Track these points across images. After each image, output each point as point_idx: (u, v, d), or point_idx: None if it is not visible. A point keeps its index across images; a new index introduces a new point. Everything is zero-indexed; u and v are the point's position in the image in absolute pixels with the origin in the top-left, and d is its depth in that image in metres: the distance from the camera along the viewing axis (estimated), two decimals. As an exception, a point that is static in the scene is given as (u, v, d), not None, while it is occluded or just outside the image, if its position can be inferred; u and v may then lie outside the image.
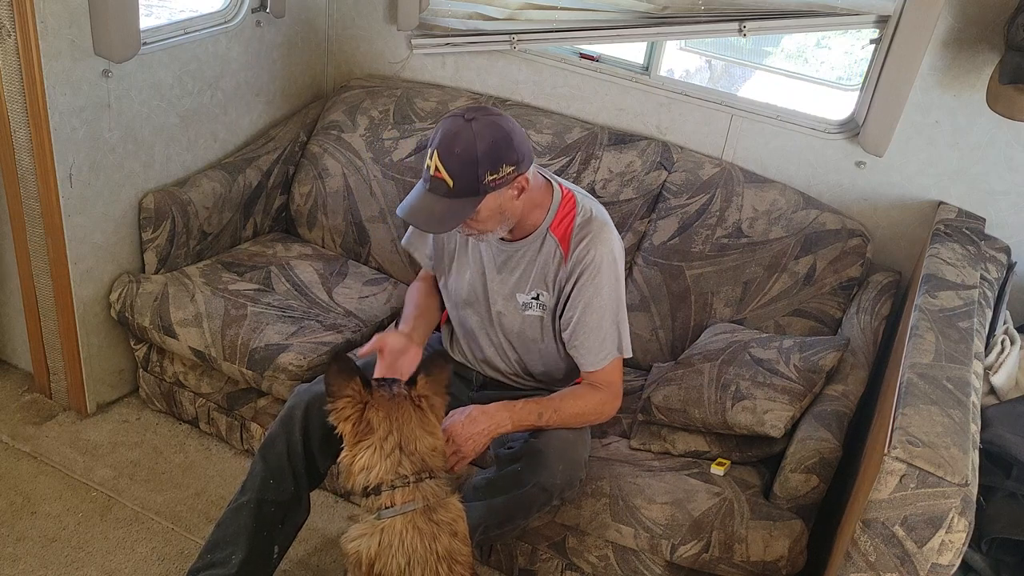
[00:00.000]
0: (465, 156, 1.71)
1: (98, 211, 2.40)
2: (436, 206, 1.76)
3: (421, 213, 1.78)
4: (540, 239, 1.93)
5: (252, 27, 2.74)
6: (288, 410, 1.94)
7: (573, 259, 1.90)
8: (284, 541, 1.97)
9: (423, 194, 1.78)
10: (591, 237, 1.89)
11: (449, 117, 1.76)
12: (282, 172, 2.89)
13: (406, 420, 1.62)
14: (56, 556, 2.15)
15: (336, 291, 2.64)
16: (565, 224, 1.92)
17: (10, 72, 2.13)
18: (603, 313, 1.91)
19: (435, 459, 1.64)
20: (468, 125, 1.72)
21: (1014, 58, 2.04)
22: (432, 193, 1.76)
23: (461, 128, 1.72)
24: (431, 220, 1.79)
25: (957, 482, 1.37)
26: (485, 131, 1.72)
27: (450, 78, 2.96)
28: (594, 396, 1.96)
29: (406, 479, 1.59)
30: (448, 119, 1.76)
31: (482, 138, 1.71)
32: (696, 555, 1.93)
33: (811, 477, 1.92)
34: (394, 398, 1.63)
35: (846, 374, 2.12)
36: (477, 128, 1.71)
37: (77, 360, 2.50)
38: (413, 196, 1.80)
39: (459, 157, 1.71)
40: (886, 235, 2.52)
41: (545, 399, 1.92)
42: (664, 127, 2.71)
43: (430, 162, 1.74)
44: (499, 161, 1.73)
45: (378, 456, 1.59)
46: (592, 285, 1.89)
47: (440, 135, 1.73)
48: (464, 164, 1.71)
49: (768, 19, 2.47)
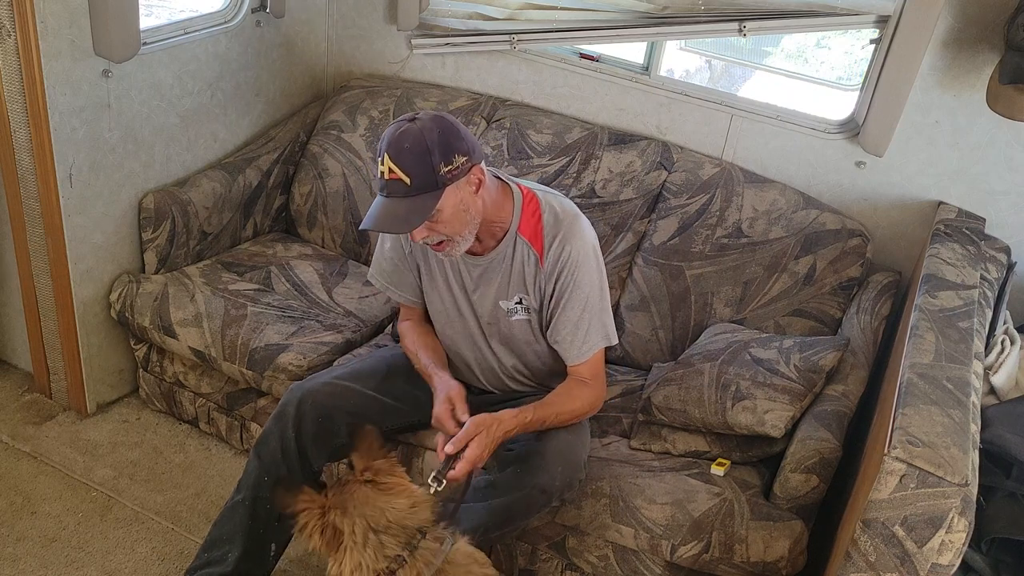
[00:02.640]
0: (416, 149, 1.70)
1: (98, 211, 2.40)
2: (397, 208, 1.73)
3: (384, 219, 1.75)
4: (511, 245, 1.92)
5: (252, 27, 2.74)
6: (281, 407, 1.94)
7: (550, 260, 1.90)
8: (281, 539, 1.97)
9: (382, 202, 1.75)
10: (563, 233, 1.89)
11: (392, 124, 1.76)
12: (282, 172, 2.89)
13: (363, 501, 1.51)
14: (56, 556, 2.15)
15: (336, 291, 2.64)
16: (532, 224, 1.91)
17: (10, 72, 2.13)
18: (587, 307, 1.91)
19: (417, 514, 1.54)
20: (411, 124, 1.72)
21: (1014, 58, 2.04)
22: (391, 198, 1.74)
23: (406, 127, 1.71)
24: (395, 221, 1.75)
25: (957, 482, 1.37)
26: (430, 124, 1.72)
27: (450, 78, 2.96)
28: (586, 393, 1.96)
29: (399, 557, 1.49)
30: (391, 125, 1.76)
31: (429, 130, 1.71)
32: (696, 555, 1.93)
33: (811, 477, 1.92)
34: (343, 489, 1.54)
35: (846, 374, 2.12)
36: (421, 124, 1.72)
37: (77, 360, 2.50)
38: (372, 208, 1.77)
39: (410, 151, 1.70)
40: (886, 235, 2.52)
41: (545, 404, 1.91)
42: (664, 127, 2.71)
43: (382, 167, 1.72)
44: (450, 150, 1.72)
45: (359, 552, 1.49)
46: (574, 281, 1.89)
47: (387, 139, 1.73)
48: (417, 157, 1.70)
49: (768, 19, 2.47)
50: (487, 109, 2.83)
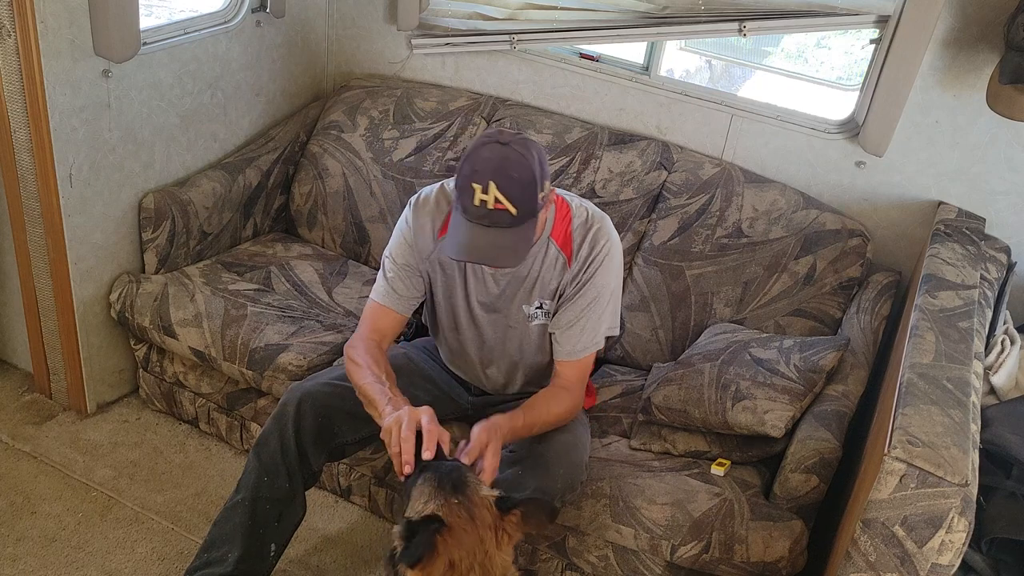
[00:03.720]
0: (524, 178, 1.65)
1: (98, 211, 2.40)
2: (502, 239, 1.67)
3: (490, 251, 1.68)
4: (543, 249, 1.90)
5: (252, 27, 2.74)
6: (281, 407, 1.93)
7: (578, 260, 1.89)
8: (280, 539, 1.97)
9: (481, 232, 1.67)
10: (592, 235, 1.89)
11: (481, 146, 1.67)
12: (282, 172, 2.89)
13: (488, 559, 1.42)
14: (56, 556, 2.15)
15: (336, 291, 2.64)
16: (564, 228, 1.90)
17: (10, 72, 2.13)
18: (595, 303, 1.90)
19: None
20: (509, 148, 1.65)
21: (1014, 58, 2.04)
22: (493, 228, 1.66)
23: (506, 153, 1.64)
24: (503, 253, 1.69)
25: (957, 482, 1.37)
26: (528, 151, 1.67)
27: (450, 78, 2.96)
28: (566, 400, 1.93)
29: None
30: (482, 148, 1.66)
31: (530, 157, 1.66)
32: (696, 556, 1.93)
33: (811, 477, 1.92)
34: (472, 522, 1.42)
35: (846, 374, 2.12)
36: (519, 149, 1.66)
37: (77, 360, 2.50)
38: (466, 237, 1.68)
39: (519, 182, 1.65)
40: (886, 235, 2.52)
41: (532, 408, 1.87)
42: (664, 127, 2.71)
43: (485, 196, 1.64)
44: (545, 176, 1.71)
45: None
46: (591, 278, 1.88)
47: (486, 165, 1.64)
48: (524, 186, 1.66)
49: (768, 19, 2.47)
50: (487, 109, 2.83)
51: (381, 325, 1.95)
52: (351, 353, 1.89)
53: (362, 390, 1.81)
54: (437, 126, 2.81)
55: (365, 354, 1.85)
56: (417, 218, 1.92)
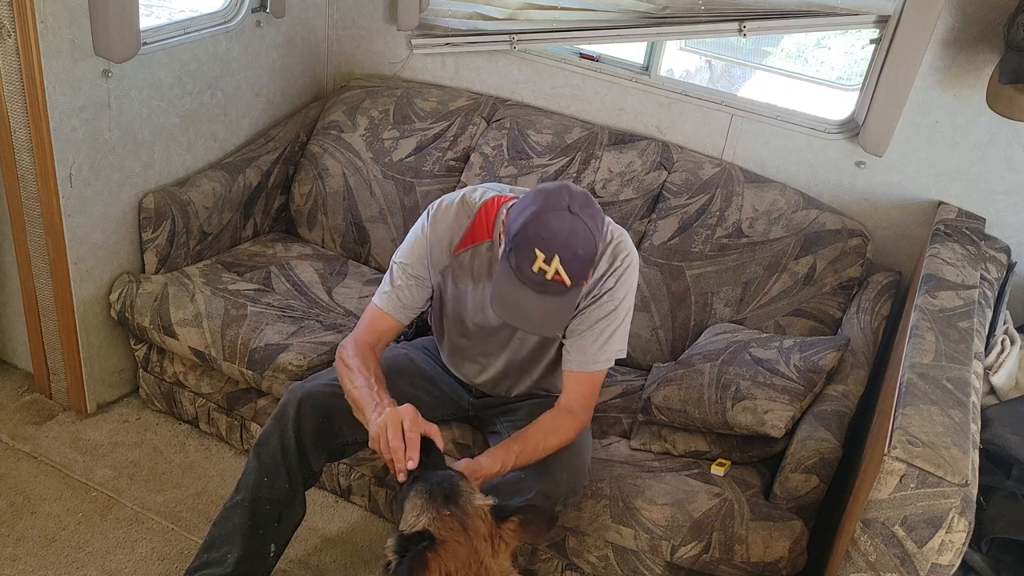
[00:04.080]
0: (587, 256, 1.64)
1: (98, 211, 2.40)
2: (550, 307, 1.66)
3: (538, 318, 1.67)
4: None
5: (252, 27, 2.74)
6: (281, 408, 1.93)
7: (598, 271, 1.85)
8: (280, 539, 1.97)
9: (532, 297, 1.64)
10: (615, 244, 1.85)
11: (551, 212, 1.61)
12: (282, 172, 2.89)
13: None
14: (56, 556, 2.15)
15: (336, 291, 2.64)
16: None
17: (10, 72, 2.13)
18: (613, 315, 1.86)
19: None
20: (578, 220, 1.62)
21: (1014, 58, 2.04)
22: (545, 295, 1.64)
23: (575, 226, 1.61)
24: (550, 322, 1.70)
25: (957, 482, 1.37)
26: (595, 222, 1.65)
27: (450, 78, 2.96)
28: (572, 425, 1.87)
29: None
30: (551, 215, 1.61)
31: (596, 231, 1.65)
32: (696, 556, 1.93)
33: (811, 477, 1.92)
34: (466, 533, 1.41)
35: (846, 374, 2.12)
36: (588, 222, 1.63)
37: (77, 360, 2.50)
38: (515, 298, 1.65)
39: (582, 259, 1.64)
40: (886, 235, 2.52)
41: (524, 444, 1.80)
42: (664, 127, 2.71)
43: (546, 267, 1.60)
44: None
45: None
46: (609, 290, 1.85)
47: (554, 237, 1.60)
48: (585, 263, 1.65)
49: (768, 19, 2.48)
50: (487, 109, 2.83)
51: (379, 330, 1.93)
52: (343, 354, 1.87)
53: (350, 394, 1.79)
54: (437, 126, 2.81)
55: (356, 356, 1.83)
56: (436, 231, 1.88)
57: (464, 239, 1.87)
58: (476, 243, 1.87)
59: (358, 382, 1.78)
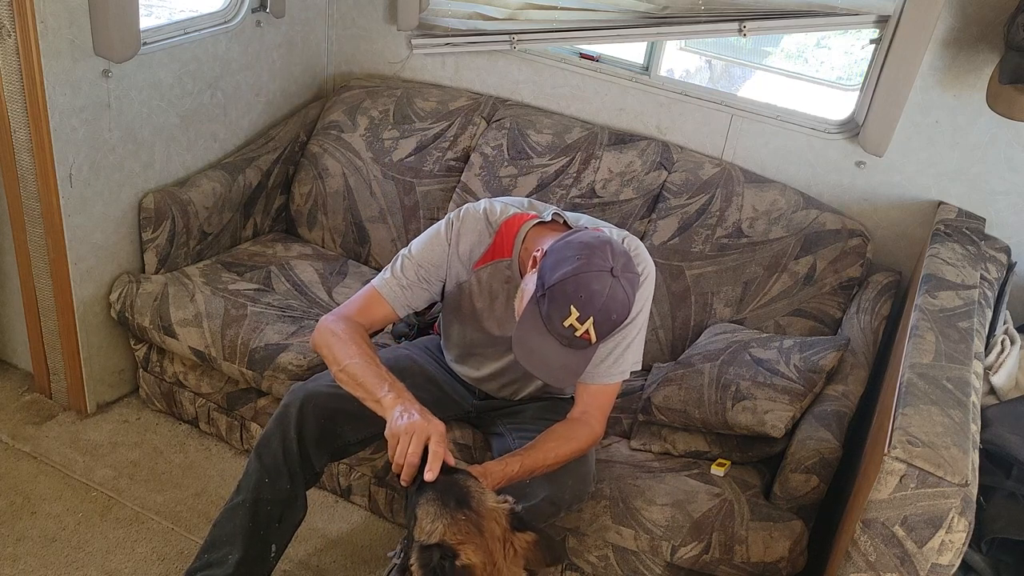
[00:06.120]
0: (619, 319, 1.64)
1: (98, 211, 2.40)
2: (571, 360, 1.66)
3: (559, 370, 1.67)
4: None
5: (252, 27, 2.74)
6: (283, 408, 1.92)
7: None
8: (281, 540, 1.97)
9: (556, 349, 1.63)
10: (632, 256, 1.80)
11: (594, 273, 1.59)
12: (282, 172, 2.90)
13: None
14: (56, 556, 2.15)
15: (336, 291, 2.64)
16: None
17: (10, 72, 2.13)
18: (629, 327, 1.83)
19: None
20: (618, 283, 1.60)
21: (1014, 58, 2.04)
22: (570, 349, 1.64)
23: (615, 291, 1.60)
24: (569, 375, 1.70)
25: (957, 482, 1.37)
26: (632, 287, 1.65)
27: (450, 78, 2.96)
28: (586, 436, 1.85)
29: None
30: (593, 276, 1.59)
31: (631, 296, 1.64)
32: (696, 556, 1.93)
33: (811, 477, 1.92)
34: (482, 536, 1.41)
35: (846, 374, 2.12)
36: (627, 287, 1.62)
37: (77, 360, 2.50)
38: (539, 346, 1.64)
39: (614, 322, 1.64)
40: (886, 235, 2.52)
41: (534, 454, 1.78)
42: (664, 127, 2.71)
43: (579, 325, 1.59)
44: None
45: None
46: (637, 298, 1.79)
47: (593, 299, 1.58)
48: (615, 326, 1.65)
49: (768, 19, 2.48)
50: (487, 109, 2.83)
51: (373, 315, 1.86)
52: (330, 325, 1.77)
53: (347, 369, 1.71)
54: (437, 126, 2.81)
55: (349, 329, 1.74)
56: (459, 242, 1.87)
57: (484, 256, 1.87)
58: (495, 260, 1.87)
59: (352, 352, 1.71)
